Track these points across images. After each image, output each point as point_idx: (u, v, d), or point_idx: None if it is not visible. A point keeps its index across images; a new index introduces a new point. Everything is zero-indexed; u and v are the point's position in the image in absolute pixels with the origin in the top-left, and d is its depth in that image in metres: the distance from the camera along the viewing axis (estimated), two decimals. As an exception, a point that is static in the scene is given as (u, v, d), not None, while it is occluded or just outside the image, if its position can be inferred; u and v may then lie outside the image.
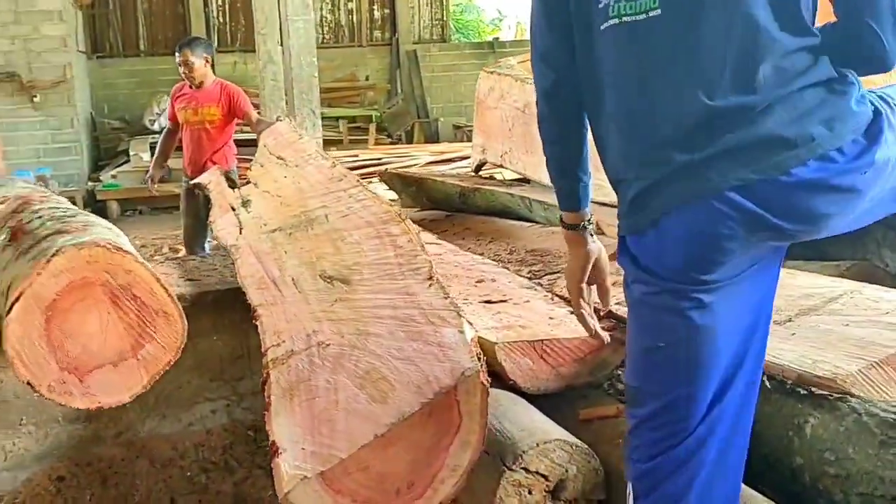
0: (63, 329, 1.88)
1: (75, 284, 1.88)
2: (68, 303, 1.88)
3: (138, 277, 1.95)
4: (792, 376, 1.59)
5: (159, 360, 2.01)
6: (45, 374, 1.89)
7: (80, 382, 1.94)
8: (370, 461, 1.58)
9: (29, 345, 1.85)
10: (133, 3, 12.63)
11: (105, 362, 1.95)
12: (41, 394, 1.92)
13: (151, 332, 1.98)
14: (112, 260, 1.92)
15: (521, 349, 2.03)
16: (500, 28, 17.02)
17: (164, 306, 1.98)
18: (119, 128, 12.13)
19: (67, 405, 1.98)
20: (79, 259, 1.88)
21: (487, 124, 4.67)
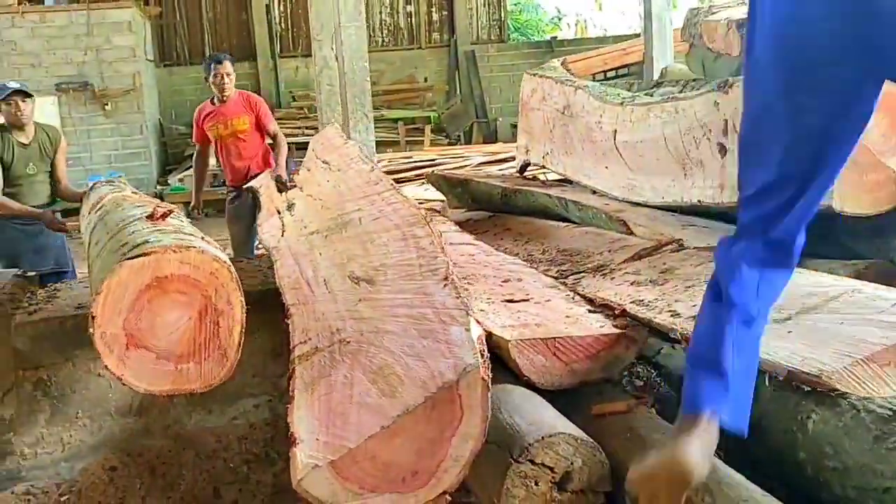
0: (151, 302, 2.02)
1: (189, 280, 2.04)
2: (172, 288, 2.03)
3: (232, 312, 2.10)
4: (782, 372, 1.64)
5: (189, 382, 2.13)
6: (108, 322, 2.01)
7: (125, 349, 2.06)
8: (377, 451, 1.68)
9: (120, 292, 1.99)
10: (199, 12, 13.02)
11: (154, 350, 2.08)
12: (92, 333, 2.03)
13: (202, 358, 2.11)
14: (227, 286, 2.08)
15: (534, 346, 2.10)
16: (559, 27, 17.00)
17: (229, 349, 2.12)
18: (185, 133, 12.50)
19: (101, 357, 2.07)
20: (208, 266, 2.05)
21: (531, 125, 4.74)
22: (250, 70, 12.86)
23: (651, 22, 8.21)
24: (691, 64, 4.84)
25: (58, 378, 2.92)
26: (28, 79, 9.73)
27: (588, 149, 3.94)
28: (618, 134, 3.62)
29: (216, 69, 5.54)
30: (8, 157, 4.93)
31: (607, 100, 3.80)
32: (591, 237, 3.15)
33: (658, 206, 3.23)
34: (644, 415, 2.06)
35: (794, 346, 1.67)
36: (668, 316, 2.06)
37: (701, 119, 2.98)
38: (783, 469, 1.92)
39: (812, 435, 1.81)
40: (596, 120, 3.86)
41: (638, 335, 2.17)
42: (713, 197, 2.87)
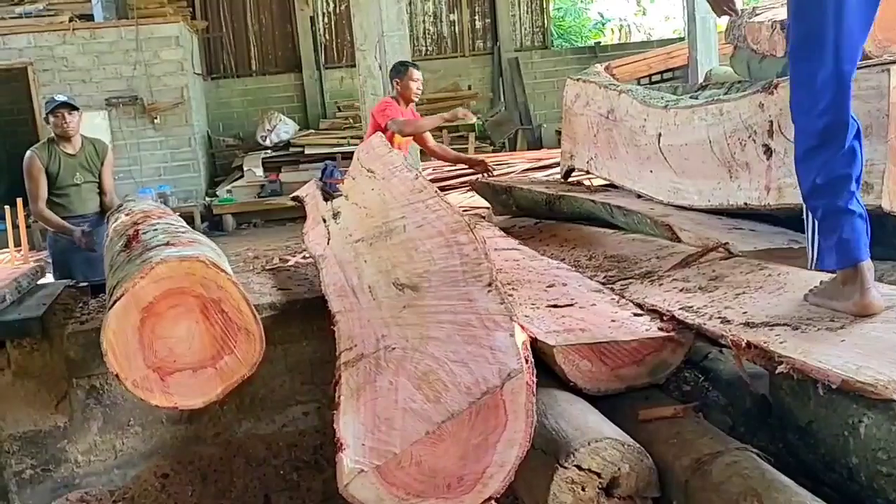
0: (155, 331, 2.06)
1: (172, 291, 2.06)
2: (163, 307, 2.06)
3: (229, 294, 2.12)
4: (836, 381, 1.61)
5: (235, 372, 2.16)
6: (132, 369, 2.07)
7: (161, 381, 2.11)
8: (423, 456, 1.68)
9: (122, 340, 2.03)
10: (244, 25, 13.20)
11: (186, 367, 2.12)
12: (126, 387, 2.09)
13: (232, 346, 2.14)
14: (208, 275, 2.09)
15: (579, 352, 2.09)
16: (602, 32, 16.92)
17: (248, 324, 2.14)
18: (233, 145, 12.71)
19: (146, 401, 2.14)
20: (179, 269, 2.07)
21: (574, 131, 4.72)
22: (296, 81, 13.02)
23: (695, 25, 8.16)
24: (736, 66, 4.77)
25: (110, 386, 2.97)
26: (79, 94, 9.97)
27: (632, 153, 3.92)
28: (662, 137, 3.59)
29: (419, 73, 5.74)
30: (54, 167, 5.09)
31: (651, 103, 3.78)
32: (639, 244, 3.13)
33: (704, 210, 3.19)
34: (692, 420, 2.04)
35: (848, 355, 1.64)
36: (718, 322, 2.03)
37: (746, 121, 2.94)
38: (834, 474, 1.89)
39: (864, 440, 1.77)
40: (640, 124, 3.83)
41: (685, 339, 2.15)
42: (759, 199, 2.83)
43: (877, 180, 2.34)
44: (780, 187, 2.74)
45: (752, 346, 1.85)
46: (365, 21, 7.60)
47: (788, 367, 1.73)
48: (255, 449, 3.02)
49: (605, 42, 15.23)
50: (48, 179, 5.12)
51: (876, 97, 2.35)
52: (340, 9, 13.08)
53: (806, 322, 1.88)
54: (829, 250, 2.03)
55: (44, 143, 5.26)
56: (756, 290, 2.21)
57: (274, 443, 3.03)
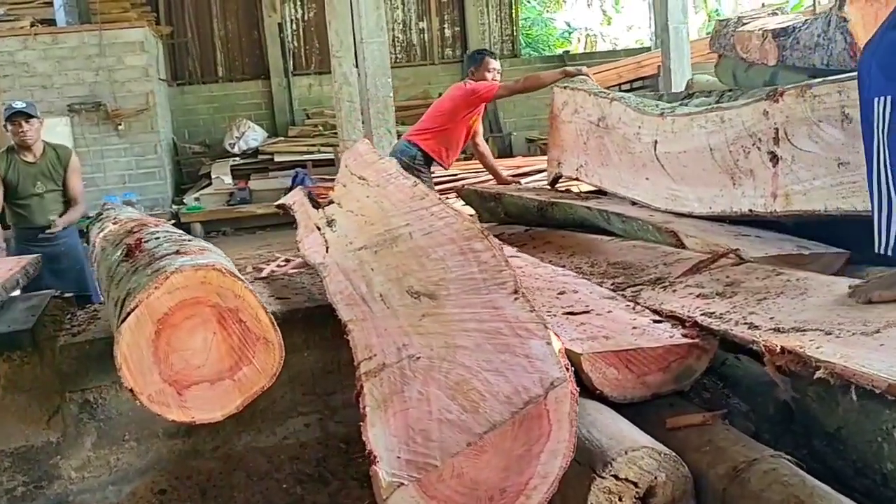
0: (170, 343, 2.00)
1: (187, 302, 2.00)
2: (178, 318, 1.99)
3: (246, 303, 2.06)
4: (882, 385, 1.59)
5: (254, 383, 2.10)
6: (147, 384, 2.00)
7: (178, 396, 2.05)
8: (464, 469, 1.64)
9: (137, 353, 1.97)
10: (210, 30, 13.06)
11: (204, 379, 2.05)
12: (141, 402, 2.02)
13: (251, 356, 2.07)
14: (224, 283, 2.03)
15: (606, 359, 2.07)
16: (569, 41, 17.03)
17: (266, 333, 2.08)
18: (200, 152, 12.55)
19: (163, 416, 2.08)
20: (194, 279, 2.00)
21: (562, 138, 4.71)
22: (264, 88, 12.90)
23: (668, 34, 8.22)
24: (721, 74, 4.82)
25: (104, 400, 2.89)
26: (40, 100, 9.73)
27: (626, 160, 3.92)
28: (658, 145, 3.60)
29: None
30: (13, 176, 4.97)
31: (646, 111, 3.78)
32: (641, 251, 3.12)
33: (705, 217, 3.19)
34: (721, 427, 2.02)
35: (892, 359, 1.63)
36: (746, 328, 2.02)
37: (749, 128, 2.95)
38: (866, 480, 1.88)
39: (900, 446, 1.77)
40: (634, 131, 3.83)
41: (709, 345, 2.13)
42: (765, 206, 2.84)
43: None
44: (787, 194, 2.74)
45: (786, 351, 1.83)
46: (341, 27, 7.56)
47: (827, 371, 1.71)
48: (255, 462, 2.95)
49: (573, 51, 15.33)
50: (7, 189, 4.98)
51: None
52: (309, 15, 13.01)
53: (838, 327, 1.87)
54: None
55: (3, 151, 5.12)
56: (777, 296, 2.20)
57: (275, 456, 2.97)
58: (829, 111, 2.58)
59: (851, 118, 2.48)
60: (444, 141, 5.74)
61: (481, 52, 6.12)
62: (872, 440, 1.84)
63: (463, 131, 5.81)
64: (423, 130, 5.84)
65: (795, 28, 3.65)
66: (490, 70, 5.77)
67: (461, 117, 5.70)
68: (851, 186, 2.48)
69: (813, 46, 3.38)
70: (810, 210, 2.65)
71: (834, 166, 2.56)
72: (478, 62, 5.85)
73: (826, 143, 2.58)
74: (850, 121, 2.48)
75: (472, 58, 6.09)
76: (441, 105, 5.95)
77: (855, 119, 2.46)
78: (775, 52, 3.74)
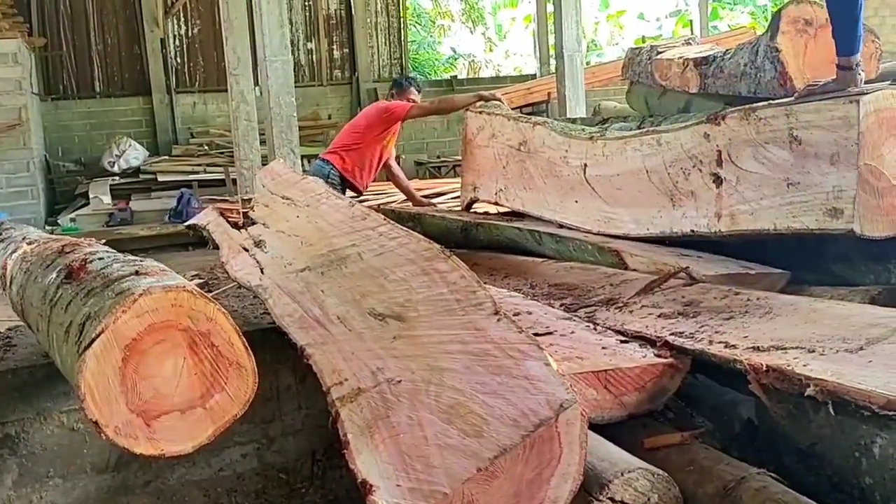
0: (138, 370, 1.85)
1: (157, 326, 1.85)
2: (147, 344, 1.85)
3: (219, 326, 1.93)
4: (880, 402, 1.64)
5: (227, 412, 1.97)
6: (113, 415, 1.84)
7: (147, 427, 1.90)
8: (475, 495, 1.59)
9: (103, 382, 1.81)
10: (87, 43, 12.47)
11: (174, 409, 1.91)
12: (106, 435, 1.86)
13: (223, 383, 1.95)
14: (196, 305, 1.90)
15: (585, 380, 2.06)
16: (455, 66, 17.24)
17: (240, 358, 1.96)
18: (74, 170, 11.92)
19: (130, 449, 1.92)
20: (164, 301, 1.86)
21: (478, 162, 4.71)
22: (145, 105, 12.38)
23: (563, 62, 8.42)
24: (632, 101, 4.96)
25: (27, 434, 2.67)
26: None
27: (552, 183, 3.95)
28: (588, 168, 3.65)
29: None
30: None
31: (572, 134, 3.83)
32: (581, 272, 3.14)
33: (641, 238, 3.25)
34: (700, 446, 2.04)
35: (885, 375, 1.69)
36: (723, 347, 2.05)
37: (689, 150, 3.03)
38: (842, 495, 1.93)
39: (879, 460, 1.82)
40: (561, 155, 3.87)
41: (682, 364, 2.16)
42: (709, 226, 2.92)
43: (847, 205, 2.46)
44: (732, 214, 2.83)
45: (771, 369, 1.87)
46: (238, 44, 7.36)
47: (818, 388, 1.76)
48: (191, 496, 2.78)
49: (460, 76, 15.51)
50: None
51: (843, 127, 2.48)
52: (193, 32, 12.61)
53: (818, 344, 1.93)
54: None
55: None
56: (743, 315, 2.25)
57: (212, 489, 2.81)
58: (775, 133, 2.68)
59: (800, 139, 2.59)
60: (358, 160, 5.70)
61: (407, 80, 6.27)
62: (850, 455, 1.89)
63: (377, 151, 5.79)
64: (337, 148, 5.81)
65: (716, 57, 3.80)
66: (411, 100, 5.85)
67: (375, 136, 5.69)
68: (802, 206, 2.58)
69: (739, 75, 3.52)
70: (757, 229, 2.74)
71: (783, 186, 2.65)
72: (402, 88, 6.04)
73: (773, 164, 2.68)
74: (799, 142, 2.59)
75: (397, 83, 6.22)
76: (356, 123, 5.96)
77: (806, 141, 2.57)
78: (697, 79, 3.88)
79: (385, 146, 5.88)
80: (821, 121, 2.53)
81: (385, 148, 5.90)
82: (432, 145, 13.23)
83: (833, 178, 2.49)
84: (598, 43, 18.71)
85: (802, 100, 2.65)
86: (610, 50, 18.17)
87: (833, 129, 2.50)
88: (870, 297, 2.46)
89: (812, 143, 2.59)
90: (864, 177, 2.44)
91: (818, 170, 2.57)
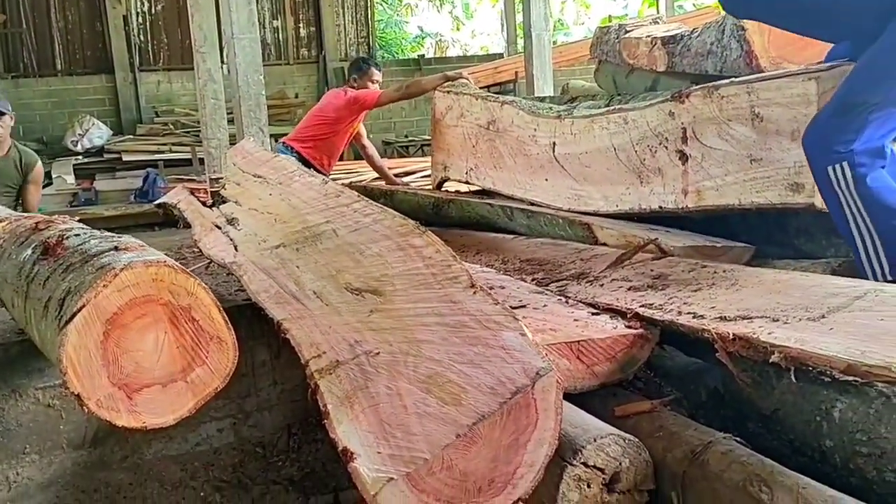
0: (120, 344, 1.87)
1: (138, 300, 1.87)
2: (128, 318, 1.87)
3: (199, 301, 1.95)
4: (840, 366, 1.71)
5: (207, 385, 2.00)
6: (95, 388, 1.86)
7: (129, 400, 1.92)
8: (454, 461, 1.64)
9: (85, 356, 1.83)
10: (48, 21, 12.28)
11: (155, 382, 1.94)
12: (89, 408, 1.88)
13: (204, 357, 1.98)
14: (177, 280, 1.92)
15: (558, 351, 2.12)
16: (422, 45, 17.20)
17: (220, 332, 1.99)
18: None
19: (112, 422, 1.94)
20: (146, 276, 1.88)
21: (447, 142, 4.75)
22: (108, 84, 12.24)
23: (531, 41, 8.46)
24: (600, 80, 5.01)
25: (2, 411, 2.67)
26: None
27: (521, 162, 4.00)
28: (557, 147, 3.69)
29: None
30: None
31: (540, 113, 3.87)
32: (551, 248, 3.20)
33: (611, 215, 3.31)
34: (668, 413, 2.11)
35: (845, 342, 1.75)
36: (691, 318, 2.12)
37: (655, 128, 3.09)
38: (804, 458, 2.01)
39: (839, 423, 1.90)
40: (529, 134, 3.92)
41: (651, 335, 2.23)
42: (676, 202, 2.98)
43: (807, 180, 2.53)
44: (699, 190, 2.89)
45: (738, 338, 1.93)
46: (205, 22, 7.29)
47: (782, 356, 1.82)
48: (168, 471, 2.81)
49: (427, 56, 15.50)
50: None
51: (802, 104, 2.54)
52: (157, 9, 12.47)
53: (782, 314, 1.99)
54: None
55: None
56: (710, 287, 2.32)
57: (189, 463, 2.83)
58: (738, 111, 2.74)
59: (762, 116, 2.65)
60: (327, 150, 5.72)
61: (367, 62, 6.19)
62: (811, 419, 1.96)
63: (345, 139, 5.83)
64: (305, 138, 5.80)
65: (683, 36, 3.85)
66: (374, 81, 5.81)
67: (344, 126, 5.71)
68: (765, 181, 2.65)
69: (705, 53, 3.58)
70: (723, 205, 2.81)
71: (746, 162, 2.72)
72: (362, 71, 5.97)
73: (737, 141, 2.74)
74: (761, 119, 2.65)
75: (356, 66, 6.15)
76: (324, 113, 5.91)
77: (767, 118, 2.63)
78: (665, 58, 3.94)
79: (352, 132, 5.90)
80: (781, 98, 2.60)
81: (351, 133, 5.91)
82: (400, 125, 13.23)
83: (794, 154, 2.56)
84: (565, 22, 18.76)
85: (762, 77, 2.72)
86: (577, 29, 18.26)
87: (792, 105, 2.57)
88: (831, 269, 2.55)
89: (773, 120, 2.66)
90: (821, 153, 2.52)
91: (779, 146, 2.64)
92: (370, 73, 5.94)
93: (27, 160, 5.05)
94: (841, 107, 2.55)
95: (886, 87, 2.48)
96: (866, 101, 2.49)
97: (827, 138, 2.54)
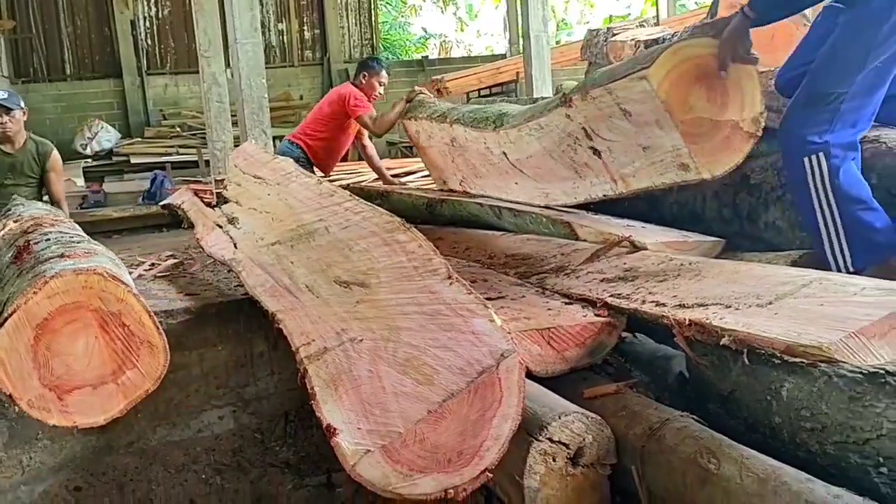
0: (50, 348, 2.00)
1: (68, 307, 2.01)
2: (59, 324, 2.01)
3: (129, 307, 2.08)
4: (781, 347, 1.86)
5: (138, 387, 2.13)
6: (26, 389, 2.01)
7: (59, 401, 2.06)
8: (425, 434, 1.80)
9: (15, 359, 1.97)
10: (57, 26, 12.49)
11: (86, 384, 2.07)
12: (20, 408, 2.03)
13: (134, 360, 2.11)
14: (106, 287, 2.05)
15: (530, 337, 2.28)
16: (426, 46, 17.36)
17: (151, 337, 2.12)
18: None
19: (43, 421, 2.09)
20: (75, 283, 2.02)
21: (432, 160, 4.88)
22: (116, 87, 12.46)
23: (529, 42, 8.61)
24: (590, 81, 5.15)
25: (17, 400, 2.84)
26: None
27: (491, 170, 4.13)
28: (508, 154, 3.81)
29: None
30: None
31: (481, 127, 3.98)
32: (536, 244, 3.35)
33: (575, 206, 3.48)
34: (633, 395, 2.27)
35: (787, 325, 1.91)
36: (654, 306, 2.27)
37: (563, 130, 3.22)
38: (756, 435, 2.16)
39: (787, 401, 2.05)
40: (483, 146, 4.04)
41: (619, 322, 2.39)
42: (612, 189, 3.14)
43: (688, 160, 2.72)
44: (622, 177, 3.06)
45: (693, 323, 2.09)
46: (209, 26, 7.49)
47: (731, 338, 1.98)
48: (172, 456, 2.98)
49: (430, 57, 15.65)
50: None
51: (648, 99, 2.70)
52: (163, 13, 12.68)
53: (735, 301, 2.15)
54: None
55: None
56: (676, 278, 2.47)
57: (191, 448, 3.01)
58: (610, 108, 2.90)
59: (629, 112, 2.82)
60: (326, 148, 5.87)
61: (378, 62, 6.23)
62: (762, 399, 2.12)
63: (349, 139, 5.95)
64: (311, 133, 5.93)
65: (665, 39, 4.01)
66: (381, 82, 5.93)
67: (337, 125, 5.83)
68: (660, 165, 2.84)
69: (683, 57, 3.72)
70: (644, 187, 2.99)
71: (640, 151, 2.90)
72: (374, 70, 6.02)
73: (624, 133, 2.91)
74: (630, 114, 2.83)
75: (367, 64, 6.19)
76: (321, 110, 6.04)
77: (633, 112, 2.80)
78: (646, 61, 4.08)
79: (350, 132, 6.03)
80: (633, 95, 2.75)
81: (351, 133, 6.04)
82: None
83: (667, 140, 2.72)
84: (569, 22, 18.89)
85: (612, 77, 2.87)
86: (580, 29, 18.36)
87: (643, 101, 2.72)
88: (791, 261, 2.70)
89: (638, 114, 2.81)
90: (688, 131, 2.68)
91: (654, 135, 2.81)
92: (380, 74, 6.02)
93: (43, 150, 5.22)
94: (807, 98, 2.74)
95: (852, 77, 2.65)
96: (834, 91, 2.67)
97: (800, 129, 2.72)
